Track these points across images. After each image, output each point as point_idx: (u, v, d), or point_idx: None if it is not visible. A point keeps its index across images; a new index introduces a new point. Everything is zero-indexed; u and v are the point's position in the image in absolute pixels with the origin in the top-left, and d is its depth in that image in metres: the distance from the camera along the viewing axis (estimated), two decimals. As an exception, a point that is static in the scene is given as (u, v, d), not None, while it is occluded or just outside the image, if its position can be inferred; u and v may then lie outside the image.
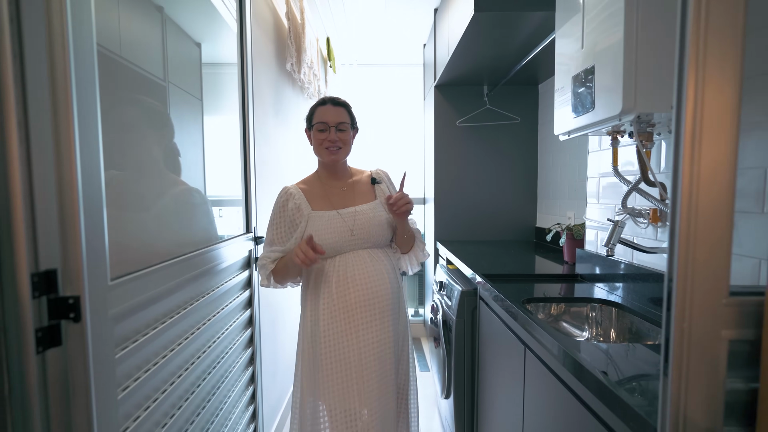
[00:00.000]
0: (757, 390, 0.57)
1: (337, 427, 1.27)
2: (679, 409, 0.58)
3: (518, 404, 1.27)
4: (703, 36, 0.54)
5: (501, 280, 1.64)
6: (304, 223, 1.31)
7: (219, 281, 1.26)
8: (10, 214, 0.54)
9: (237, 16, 1.47)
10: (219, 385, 1.23)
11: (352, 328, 1.27)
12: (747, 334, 0.57)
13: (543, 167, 2.76)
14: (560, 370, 0.99)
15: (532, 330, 1.13)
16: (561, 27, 1.39)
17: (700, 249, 0.56)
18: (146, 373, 0.83)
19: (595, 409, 0.83)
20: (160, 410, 0.88)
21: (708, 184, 0.55)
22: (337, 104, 1.35)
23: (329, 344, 1.28)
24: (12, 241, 0.54)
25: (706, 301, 0.56)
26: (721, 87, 0.54)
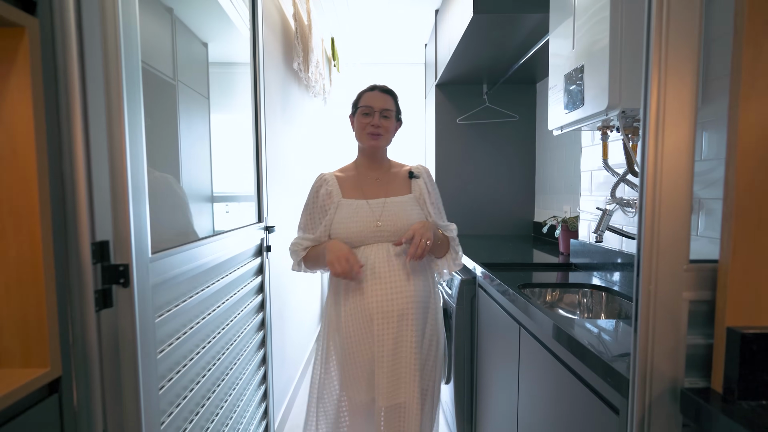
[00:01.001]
0: (712, 345, 0.66)
1: (355, 416, 1.29)
2: (646, 360, 0.67)
3: (513, 380, 1.37)
4: (665, 44, 0.63)
5: (499, 268, 1.73)
6: (333, 209, 1.30)
7: (234, 265, 1.35)
8: (75, 196, 0.64)
9: (250, 20, 1.57)
10: (235, 362, 1.32)
11: (371, 322, 1.25)
12: (704, 296, 0.66)
13: (540, 163, 2.85)
14: (551, 343, 1.08)
15: (526, 310, 1.22)
16: (555, 29, 1.49)
17: (663, 222, 0.65)
18: (177, 341, 0.92)
19: (580, 373, 0.92)
20: (186, 377, 0.98)
21: (669, 167, 0.64)
22: (385, 92, 1.34)
23: (351, 336, 1.28)
24: (76, 218, 0.64)
25: (669, 267, 0.66)
26: (680, 86, 0.63)
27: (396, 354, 1.25)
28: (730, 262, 0.62)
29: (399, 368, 1.26)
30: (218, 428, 1.16)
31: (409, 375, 1.26)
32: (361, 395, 1.29)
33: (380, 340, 1.24)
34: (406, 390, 1.26)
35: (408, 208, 1.31)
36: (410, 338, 1.26)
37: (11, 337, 0.59)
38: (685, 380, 0.67)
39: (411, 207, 1.32)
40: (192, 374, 1.01)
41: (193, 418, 1.01)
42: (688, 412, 0.65)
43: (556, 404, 1.05)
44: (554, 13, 1.50)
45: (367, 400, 1.29)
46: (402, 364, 1.26)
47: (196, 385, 1.02)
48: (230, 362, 1.28)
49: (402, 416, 1.27)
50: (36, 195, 0.58)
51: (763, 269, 0.62)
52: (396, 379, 1.26)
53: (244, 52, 1.55)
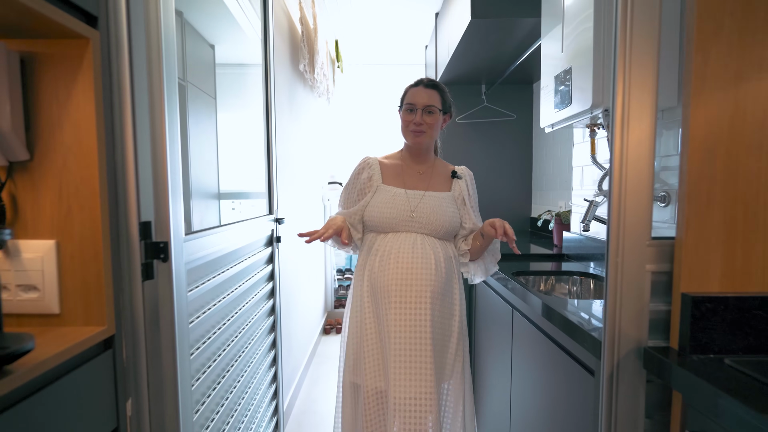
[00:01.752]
0: (671, 310, 0.77)
1: (369, 406, 1.27)
2: (614, 325, 0.78)
3: (507, 357, 1.47)
4: (629, 55, 0.74)
5: (494, 258, 1.83)
6: (371, 193, 1.32)
7: (247, 253, 1.46)
8: (125, 182, 0.75)
9: (261, 26, 1.68)
10: (249, 342, 1.43)
11: (388, 307, 1.24)
12: (664, 267, 0.77)
13: (537, 161, 2.95)
14: (539, 320, 1.19)
15: (518, 294, 1.33)
16: (546, 34, 1.59)
17: (629, 205, 0.76)
18: (204, 314, 1.03)
19: (562, 343, 1.03)
20: (210, 349, 1.09)
21: (633, 158, 0.75)
22: (429, 87, 1.31)
23: (369, 324, 1.27)
24: (126, 200, 0.75)
25: (634, 243, 0.76)
26: (641, 90, 0.74)
27: (412, 342, 1.21)
28: (684, 237, 0.73)
29: (415, 358, 1.21)
30: (235, 400, 1.27)
31: (425, 366, 1.20)
32: (377, 382, 1.26)
33: (397, 325, 1.22)
34: (425, 382, 1.19)
35: (444, 204, 1.31)
36: (427, 326, 1.21)
37: (75, 300, 0.70)
38: (648, 341, 0.78)
39: (447, 204, 1.32)
40: (214, 347, 1.12)
41: (216, 386, 1.12)
42: (650, 367, 0.76)
43: (543, 372, 1.16)
44: (545, 19, 1.61)
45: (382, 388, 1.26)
46: (419, 355, 1.21)
47: (218, 357, 1.13)
48: (244, 343, 1.39)
49: (418, 410, 1.20)
50: (97, 180, 0.69)
51: (711, 243, 0.73)
52: (413, 369, 1.21)
53: (249, 53, 1.63)
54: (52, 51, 0.67)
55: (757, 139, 0.71)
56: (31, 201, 0.69)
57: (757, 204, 0.72)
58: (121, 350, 0.75)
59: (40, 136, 0.69)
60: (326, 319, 3.89)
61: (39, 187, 0.69)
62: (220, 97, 1.35)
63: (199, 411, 1.01)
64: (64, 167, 0.69)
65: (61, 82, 0.68)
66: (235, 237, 1.30)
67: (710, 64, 0.70)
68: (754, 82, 0.70)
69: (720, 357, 0.71)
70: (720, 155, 0.71)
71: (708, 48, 0.70)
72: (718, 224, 0.72)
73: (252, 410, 1.45)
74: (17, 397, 0.55)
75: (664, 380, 0.73)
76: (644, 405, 0.79)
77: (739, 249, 0.73)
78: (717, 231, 0.72)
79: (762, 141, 0.71)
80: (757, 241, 0.72)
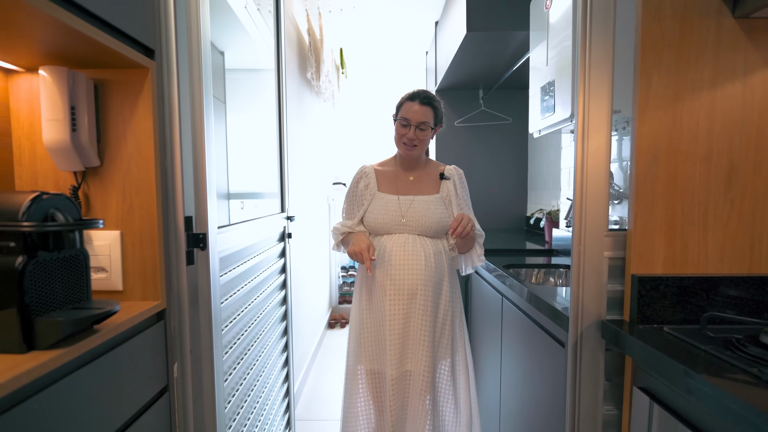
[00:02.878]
0: (624, 289, 0.92)
1: (367, 386, 1.45)
2: (578, 302, 0.94)
3: (497, 341, 1.63)
4: (588, 69, 0.89)
5: (489, 253, 1.99)
6: (368, 200, 1.46)
7: (263, 248, 1.62)
8: (174, 184, 0.91)
9: (274, 41, 1.84)
10: (264, 328, 1.59)
11: (385, 297, 1.39)
12: (619, 254, 0.92)
13: (532, 163, 3.10)
14: (524, 305, 1.35)
15: (506, 282, 1.49)
16: (534, 47, 1.75)
17: (589, 202, 0.92)
18: (231, 297, 1.19)
19: (541, 323, 1.19)
20: (235, 329, 1.25)
21: (592, 163, 0.91)
22: (424, 103, 1.41)
23: (367, 313, 1.44)
24: (175, 200, 0.91)
25: (594, 234, 0.92)
26: (599, 106, 0.90)
27: (405, 328, 1.38)
28: (633, 229, 0.89)
29: (407, 342, 1.38)
30: (254, 376, 1.43)
31: (416, 347, 1.37)
32: (372, 364, 1.43)
33: (392, 314, 1.37)
34: (414, 359, 1.37)
35: (432, 207, 1.43)
36: (420, 315, 1.36)
37: (135, 280, 0.86)
38: (606, 315, 0.94)
39: (435, 206, 1.43)
40: (238, 327, 1.28)
41: (239, 361, 1.29)
42: (607, 336, 0.91)
43: (525, 348, 1.32)
44: (533, 33, 1.76)
45: (376, 370, 1.43)
46: (410, 339, 1.38)
47: (242, 336, 1.30)
48: (262, 326, 1.55)
49: (409, 382, 1.39)
50: (153, 182, 0.85)
51: (655, 234, 0.88)
52: (405, 350, 1.38)
53: (257, 58, 1.75)
54: (120, 78, 0.83)
55: (691, 148, 0.86)
56: (100, 199, 0.85)
57: (692, 202, 0.87)
58: (170, 322, 0.91)
59: (109, 146, 0.85)
60: (331, 314, 4.05)
61: (107, 187, 0.85)
62: (230, 102, 1.43)
63: (227, 380, 1.17)
64: (128, 172, 0.85)
65: (126, 103, 0.84)
66: (255, 232, 1.46)
67: (652, 87, 0.86)
68: (688, 102, 0.85)
69: (661, 326, 0.86)
70: (661, 161, 0.87)
71: (650, 74, 0.85)
72: (661, 218, 0.88)
73: (268, 388, 1.61)
74: (104, 350, 0.71)
75: (619, 347, 0.89)
76: (604, 369, 0.94)
77: (678, 238, 0.88)
78: (660, 224, 0.88)
79: (695, 149, 0.86)
80: (693, 232, 0.88)
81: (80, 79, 0.79)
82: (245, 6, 1.57)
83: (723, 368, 0.66)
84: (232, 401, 1.21)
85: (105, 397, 0.70)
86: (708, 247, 0.88)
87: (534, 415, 1.26)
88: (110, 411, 0.71)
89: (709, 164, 0.87)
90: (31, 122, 0.84)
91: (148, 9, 0.84)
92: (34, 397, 0.56)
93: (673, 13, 0.84)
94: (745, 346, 0.71)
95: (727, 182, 0.87)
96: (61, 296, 0.65)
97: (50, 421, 0.58)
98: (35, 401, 0.56)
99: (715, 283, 0.87)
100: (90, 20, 0.69)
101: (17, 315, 0.58)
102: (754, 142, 0.86)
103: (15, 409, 0.53)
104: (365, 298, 1.47)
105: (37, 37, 0.69)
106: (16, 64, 0.81)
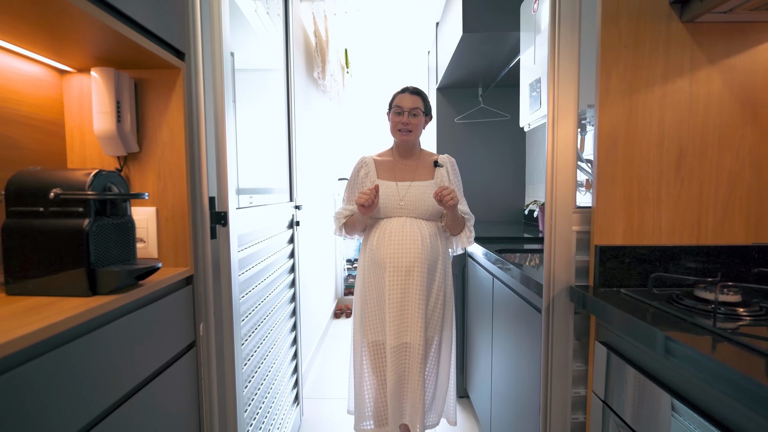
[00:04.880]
0: (589, 259, 1.06)
1: (372, 355, 1.60)
2: (550, 270, 1.07)
3: (489, 316, 1.77)
4: (557, 67, 1.03)
5: (485, 241, 2.12)
6: (368, 187, 1.58)
7: (274, 233, 1.77)
8: (200, 168, 1.06)
9: (283, 44, 1.98)
10: (274, 306, 1.74)
11: (384, 273, 1.53)
12: (585, 228, 1.06)
13: (530, 157, 3.23)
14: (510, 281, 1.48)
15: (496, 263, 1.62)
16: (524, 48, 1.88)
17: (559, 184, 1.05)
18: (247, 271, 1.34)
19: (523, 295, 1.33)
20: (249, 302, 1.40)
21: (561, 149, 1.04)
22: (414, 93, 1.57)
23: (370, 289, 1.59)
24: (201, 181, 1.06)
25: (563, 211, 1.06)
26: (567, 100, 1.03)
27: (403, 302, 1.51)
28: (596, 206, 1.02)
29: (405, 314, 1.52)
30: (267, 348, 1.58)
31: (413, 320, 1.51)
32: (376, 336, 1.59)
33: (390, 289, 1.52)
34: (411, 332, 1.52)
35: (428, 192, 1.56)
36: (416, 290, 1.50)
37: (168, 249, 1.01)
38: (575, 282, 1.07)
39: (431, 191, 1.55)
40: (252, 301, 1.43)
41: (254, 331, 1.43)
42: (575, 299, 1.05)
43: (511, 320, 1.46)
44: (523, 34, 1.89)
45: (379, 341, 1.59)
46: (408, 311, 1.52)
47: (254, 309, 1.45)
48: (272, 306, 1.70)
49: (407, 353, 1.54)
50: (184, 166, 1.00)
51: (615, 210, 1.01)
52: (403, 322, 1.52)
53: (265, 59, 1.88)
54: (156, 77, 0.98)
55: (646, 135, 1.00)
56: (139, 180, 1.01)
57: (647, 181, 1.01)
58: (197, 286, 1.06)
59: (146, 135, 1.00)
60: (336, 304, 4.20)
61: (145, 170, 1.00)
62: (239, 100, 1.52)
63: (244, 344, 1.32)
64: (162, 157, 1.00)
65: (161, 98, 0.99)
66: (267, 216, 1.61)
67: (612, 82, 0.99)
68: (642, 95, 0.99)
69: (618, 289, 1.00)
70: (620, 147, 1.00)
71: (610, 71, 0.99)
72: (620, 196, 1.01)
73: (278, 362, 1.76)
74: (146, 302, 0.86)
75: (586, 309, 1.02)
76: (573, 330, 1.08)
77: (635, 213, 1.01)
78: (619, 201, 1.01)
79: (649, 136, 1.00)
80: (648, 208, 1.01)
81: (124, 78, 0.94)
82: (255, 10, 1.71)
83: (662, 317, 0.80)
84: (247, 364, 1.36)
85: (146, 340, 0.85)
86: (661, 221, 1.01)
87: (518, 377, 1.40)
88: (150, 353, 0.86)
89: (661, 149, 1.00)
90: (81, 115, 0.99)
91: (180, 18, 0.99)
92: (97, 331, 0.71)
93: (629, 18, 0.98)
94: (682, 300, 0.85)
95: (677, 165, 1.00)
96: (115, 254, 0.80)
97: (107, 353, 0.73)
98: (98, 334, 0.71)
99: (666, 252, 1.00)
100: (135, 27, 0.84)
101: (85, 266, 0.73)
102: (700, 129, 0.99)
103: (84, 337, 0.68)
104: (368, 274, 1.61)
105: (89, 42, 0.84)
106: (69, 66, 0.97)
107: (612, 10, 0.98)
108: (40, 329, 0.57)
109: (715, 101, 0.99)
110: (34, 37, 0.79)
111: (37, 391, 0.57)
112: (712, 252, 1.00)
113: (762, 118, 0.99)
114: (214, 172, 1.11)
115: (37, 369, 0.57)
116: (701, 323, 0.74)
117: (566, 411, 1.08)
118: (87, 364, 0.67)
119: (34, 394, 0.57)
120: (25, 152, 0.90)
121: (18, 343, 0.54)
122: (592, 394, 1.00)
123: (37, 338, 0.57)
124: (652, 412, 0.76)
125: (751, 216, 1.00)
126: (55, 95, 0.98)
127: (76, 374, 0.65)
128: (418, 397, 1.52)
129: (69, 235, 0.73)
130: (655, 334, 0.73)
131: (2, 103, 0.84)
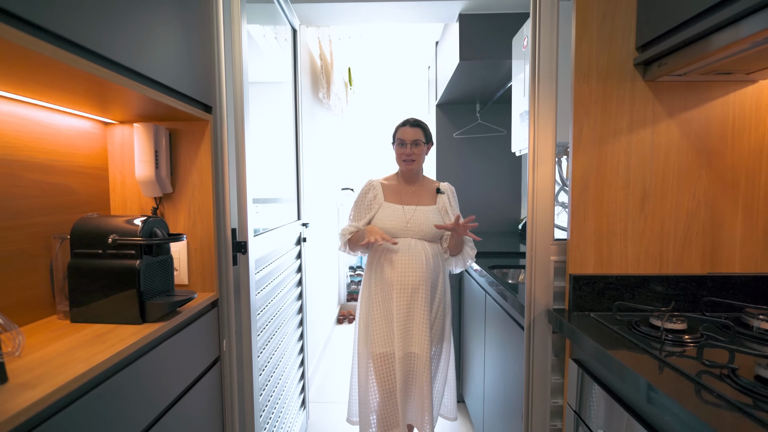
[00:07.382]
0: (565, 285, 1.20)
1: (377, 366, 1.69)
2: (531, 294, 1.22)
3: (481, 330, 1.91)
4: (536, 118, 1.17)
5: (479, 255, 2.27)
6: (376, 209, 1.72)
7: (283, 252, 1.92)
8: (225, 205, 1.21)
9: (291, 72, 2.13)
10: (284, 319, 1.89)
11: (392, 291, 1.65)
12: (561, 258, 1.20)
13: (524, 173, 3.37)
14: (499, 299, 1.63)
15: (488, 280, 1.77)
16: (515, 76, 2.02)
17: (539, 217, 1.20)
18: (262, 290, 1.49)
19: (510, 312, 1.47)
20: (264, 317, 1.55)
21: (541, 186, 1.19)
22: (414, 126, 1.72)
23: (377, 304, 1.69)
24: (225, 215, 1.21)
25: (543, 242, 1.20)
26: (545, 144, 1.18)
27: (408, 316, 1.64)
28: (570, 239, 1.17)
29: (411, 327, 1.64)
30: (278, 357, 1.73)
31: (419, 332, 1.63)
32: (383, 348, 1.69)
33: (398, 305, 1.64)
34: (418, 343, 1.64)
35: (431, 215, 1.70)
36: (421, 306, 1.63)
37: (197, 276, 1.16)
38: (553, 305, 1.22)
39: (434, 215, 1.71)
40: (267, 316, 1.58)
41: (267, 342, 1.58)
42: (552, 321, 1.19)
43: (501, 333, 1.60)
44: (515, 63, 2.04)
45: (386, 352, 1.68)
46: (414, 324, 1.64)
47: (269, 323, 1.60)
48: (283, 318, 1.85)
49: (413, 362, 1.66)
50: (211, 204, 1.14)
51: (587, 243, 1.16)
52: (408, 334, 1.64)
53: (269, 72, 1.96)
54: (187, 128, 1.14)
55: (614, 178, 1.14)
56: (172, 216, 1.16)
57: (615, 218, 1.15)
58: (222, 308, 1.21)
59: (179, 178, 1.15)
60: (339, 310, 4.35)
61: (177, 208, 1.15)
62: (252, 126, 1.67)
63: (260, 356, 1.47)
64: (192, 197, 1.15)
65: (192, 146, 1.14)
66: (278, 238, 1.76)
67: (583, 133, 1.14)
68: (610, 143, 1.13)
69: (588, 313, 1.14)
70: (591, 188, 1.15)
71: (582, 123, 1.13)
72: (591, 231, 1.16)
73: (288, 369, 1.91)
74: (183, 325, 1.01)
75: (562, 330, 1.17)
76: (551, 347, 1.22)
77: (605, 246, 1.16)
78: (591, 235, 1.16)
79: (617, 179, 1.14)
80: (616, 242, 1.16)
81: (161, 130, 1.10)
82: (263, 35, 1.85)
83: (619, 341, 0.94)
84: (262, 374, 1.51)
85: (184, 358, 1.00)
86: (628, 253, 1.16)
87: (506, 386, 1.54)
88: (187, 368, 1.01)
89: (627, 190, 1.14)
90: (122, 160, 1.15)
91: (208, 76, 1.14)
92: (148, 354, 0.86)
93: (598, 77, 1.12)
94: (639, 327, 0.99)
95: (642, 204, 1.15)
96: (159, 286, 0.95)
97: (154, 372, 0.88)
98: (148, 357, 0.86)
99: (632, 280, 1.15)
100: (169, 92, 0.98)
101: (137, 299, 0.88)
102: (661, 173, 1.14)
103: (140, 360, 0.83)
104: (374, 291, 1.73)
105: (130, 104, 0.99)
106: (113, 119, 1.12)
107: (584, 70, 1.12)
108: (113, 355, 0.72)
109: (674, 149, 1.13)
110: (86, 101, 0.94)
111: (108, 409, 0.72)
112: (672, 281, 1.14)
113: (715, 164, 1.13)
114: (235, 207, 1.26)
115: (111, 388, 0.72)
116: (650, 347, 0.88)
117: (546, 419, 1.23)
118: (143, 382, 0.82)
119: (106, 411, 0.72)
120: (78, 197, 1.05)
121: (99, 367, 0.69)
122: (567, 405, 1.14)
123: (111, 362, 0.72)
124: (614, 425, 0.91)
125: (706, 249, 1.15)
126: (100, 145, 1.13)
127: (138, 390, 0.80)
128: (426, 400, 1.67)
129: (124, 273, 0.88)
130: (611, 359, 0.87)
131: (62, 157, 1.00)
